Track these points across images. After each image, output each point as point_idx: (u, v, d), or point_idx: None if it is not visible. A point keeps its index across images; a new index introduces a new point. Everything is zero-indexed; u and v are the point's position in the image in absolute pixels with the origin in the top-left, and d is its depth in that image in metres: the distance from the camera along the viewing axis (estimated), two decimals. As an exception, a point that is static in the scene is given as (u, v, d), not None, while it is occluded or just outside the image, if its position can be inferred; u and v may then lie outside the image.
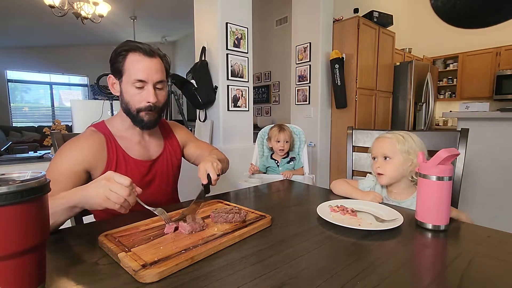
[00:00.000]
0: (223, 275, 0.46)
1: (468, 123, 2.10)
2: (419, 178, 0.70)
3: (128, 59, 0.82)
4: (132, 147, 0.91)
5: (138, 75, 0.82)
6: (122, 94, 0.86)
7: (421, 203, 0.69)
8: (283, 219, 0.73)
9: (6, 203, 0.36)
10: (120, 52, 0.83)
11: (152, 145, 0.97)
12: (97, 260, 0.51)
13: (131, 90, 0.84)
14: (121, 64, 0.83)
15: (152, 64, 0.83)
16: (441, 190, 0.66)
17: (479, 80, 4.53)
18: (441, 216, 0.67)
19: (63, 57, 6.71)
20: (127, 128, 0.91)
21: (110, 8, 3.90)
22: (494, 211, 1.98)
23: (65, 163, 0.77)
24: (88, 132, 0.87)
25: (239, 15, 2.42)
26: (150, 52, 0.83)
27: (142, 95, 0.84)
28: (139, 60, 0.82)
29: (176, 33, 7.07)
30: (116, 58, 0.83)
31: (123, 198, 0.59)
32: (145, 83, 0.83)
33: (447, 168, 0.66)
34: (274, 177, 1.72)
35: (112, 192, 0.58)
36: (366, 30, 3.07)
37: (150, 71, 0.83)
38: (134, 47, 0.82)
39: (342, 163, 3.14)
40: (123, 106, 0.88)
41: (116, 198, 0.59)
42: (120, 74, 0.84)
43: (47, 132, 1.84)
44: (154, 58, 0.84)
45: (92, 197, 0.60)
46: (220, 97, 2.36)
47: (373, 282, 0.44)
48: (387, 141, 0.93)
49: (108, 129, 0.90)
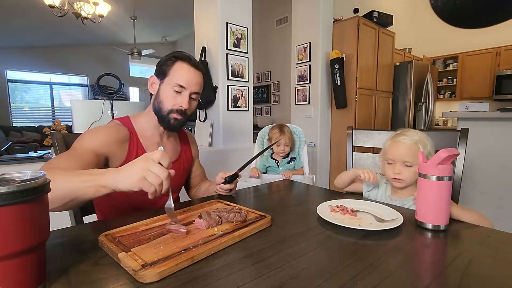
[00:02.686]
0: (223, 275, 0.46)
1: (468, 123, 2.10)
2: (419, 178, 0.70)
3: (176, 65, 0.90)
4: (151, 146, 0.94)
5: (181, 80, 0.89)
6: (158, 94, 0.92)
7: (421, 203, 0.69)
8: (283, 219, 0.73)
9: (6, 203, 0.36)
10: (170, 58, 0.91)
11: (169, 150, 1.00)
12: (97, 260, 0.51)
13: (169, 92, 0.90)
14: (169, 67, 0.90)
15: (195, 76, 0.91)
16: (441, 190, 0.66)
17: (479, 80, 4.53)
18: (441, 216, 0.67)
19: (63, 57, 6.71)
20: (150, 127, 0.95)
21: (110, 8, 3.90)
22: (494, 211, 1.98)
23: (92, 142, 0.80)
24: (114, 123, 0.90)
25: (239, 15, 2.42)
26: (196, 65, 0.92)
27: (177, 98, 0.90)
28: (186, 68, 0.90)
29: (176, 33, 7.07)
30: (165, 62, 0.91)
31: (160, 180, 0.56)
32: (184, 90, 0.90)
33: (447, 168, 0.66)
34: (274, 177, 1.72)
35: (150, 173, 0.56)
36: (366, 30, 3.07)
37: (192, 80, 0.90)
38: (184, 57, 0.91)
39: (342, 163, 3.14)
40: (154, 105, 0.92)
41: (154, 178, 0.56)
42: (164, 75, 0.90)
43: (47, 132, 1.84)
44: (198, 71, 0.93)
45: (127, 177, 0.57)
46: (220, 97, 2.37)
47: (373, 282, 0.44)
48: (408, 146, 0.90)
49: (132, 125, 0.93)
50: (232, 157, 2.36)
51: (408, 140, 0.92)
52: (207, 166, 1.25)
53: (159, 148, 0.61)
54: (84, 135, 0.82)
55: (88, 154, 0.76)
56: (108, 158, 0.83)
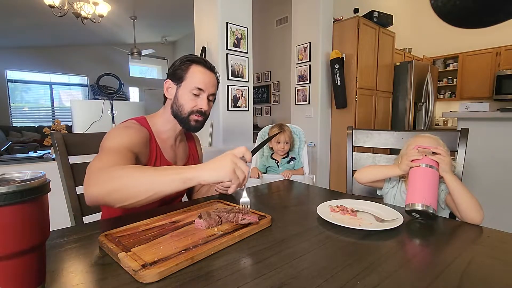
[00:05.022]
0: (223, 275, 0.46)
1: (468, 123, 2.10)
2: (410, 170, 0.81)
3: (191, 68, 0.92)
4: (166, 148, 0.97)
5: (199, 84, 0.91)
6: (176, 98, 0.93)
7: (411, 188, 0.77)
8: (283, 219, 0.73)
9: (6, 203, 0.35)
10: (184, 62, 0.92)
11: (180, 152, 1.03)
12: (97, 260, 0.51)
13: (187, 95, 0.92)
14: (184, 72, 0.92)
15: (211, 78, 0.94)
16: (428, 175, 0.77)
17: (479, 80, 4.53)
18: (430, 197, 0.72)
19: (63, 57, 6.71)
20: (166, 130, 0.97)
21: (110, 8, 3.90)
22: (494, 211, 1.98)
23: (125, 140, 0.80)
24: (135, 124, 0.89)
25: (239, 15, 2.42)
26: (211, 67, 0.95)
27: (197, 101, 0.93)
28: (202, 72, 0.92)
29: (176, 33, 7.07)
30: (180, 66, 0.92)
31: (244, 175, 0.64)
32: (202, 92, 0.92)
33: (432, 161, 0.78)
34: (274, 177, 1.72)
35: (238, 167, 0.63)
36: (366, 30, 3.07)
37: (209, 83, 0.93)
38: (198, 60, 0.93)
39: (342, 163, 3.14)
40: (173, 108, 0.94)
41: (241, 173, 0.63)
42: (180, 80, 0.92)
43: (47, 132, 1.84)
44: (213, 73, 0.95)
45: (217, 169, 0.62)
46: (220, 97, 2.36)
47: (373, 282, 0.44)
48: (432, 140, 0.91)
49: (149, 126, 0.94)
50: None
51: (428, 134, 0.97)
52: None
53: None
54: (112, 135, 0.81)
55: (126, 152, 0.76)
56: (138, 157, 0.83)
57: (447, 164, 0.79)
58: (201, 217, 0.64)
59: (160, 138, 0.95)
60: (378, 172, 0.97)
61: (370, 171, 0.98)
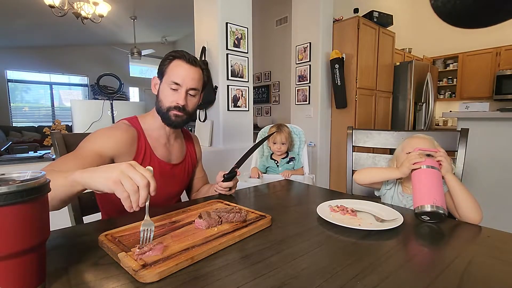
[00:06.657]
0: (223, 275, 0.46)
1: (468, 123, 2.10)
2: (413, 172, 0.79)
3: (172, 63, 0.91)
4: (158, 147, 0.96)
5: (175, 78, 0.89)
6: (159, 93, 0.94)
7: (417, 190, 0.76)
8: (283, 219, 0.73)
9: (6, 203, 0.36)
10: (168, 57, 0.92)
11: (175, 150, 1.02)
12: (97, 260, 0.51)
13: (166, 90, 0.91)
14: (166, 67, 0.91)
15: (191, 72, 0.91)
16: (433, 176, 0.75)
17: (479, 80, 4.53)
18: (439, 198, 0.71)
19: (63, 57, 6.70)
20: (157, 127, 0.96)
21: (110, 8, 3.90)
22: (494, 211, 1.98)
23: (97, 143, 0.80)
24: (122, 124, 0.91)
25: (239, 15, 2.42)
26: (192, 61, 0.91)
27: (174, 96, 0.91)
28: (180, 65, 0.90)
29: (176, 33, 7.07)
30: (163, 62, 0.92)
31: (136, 188, 0.52)
32: (180, 87, 0.90)
33: (434, 162, 0.78)
34: (274, 178, 1.72)
35: (127, 178, 0.53)
36: (366, 30, 3.07)
37: (187, 77, 0.90)
38: (180, 55, 0.91)
39: (342, 163, 3.14)
40: (156, 104, 0.94)
41: (130, 185, 0.52)
42: (162, 75, 0.92)
43: (47, 132, 1.84)
44: (194, 67, 0.92)
45: (102, 177, 0.54)
46: (220, 97, 2.36)
47: (373, 282, 0.44)
48: (427, 141, 0.92)
49: (140, 125, 0.94)
50: (232, 157, 2.36)
51: (422, 135, 0.97)
52: (207, 166, 1.25)
53: (146, 167, 0.57)
54: (90, 136, 0.82)
55: (91, 155, 0.76)
56: (114, 159, 0.83)
57: (449, 164, 0.79)
58: (201, 217, 0.64)
59: (151, 137, 0.95)
60: (377, 174, 0.97)
61: (369, 173, 0.98)
